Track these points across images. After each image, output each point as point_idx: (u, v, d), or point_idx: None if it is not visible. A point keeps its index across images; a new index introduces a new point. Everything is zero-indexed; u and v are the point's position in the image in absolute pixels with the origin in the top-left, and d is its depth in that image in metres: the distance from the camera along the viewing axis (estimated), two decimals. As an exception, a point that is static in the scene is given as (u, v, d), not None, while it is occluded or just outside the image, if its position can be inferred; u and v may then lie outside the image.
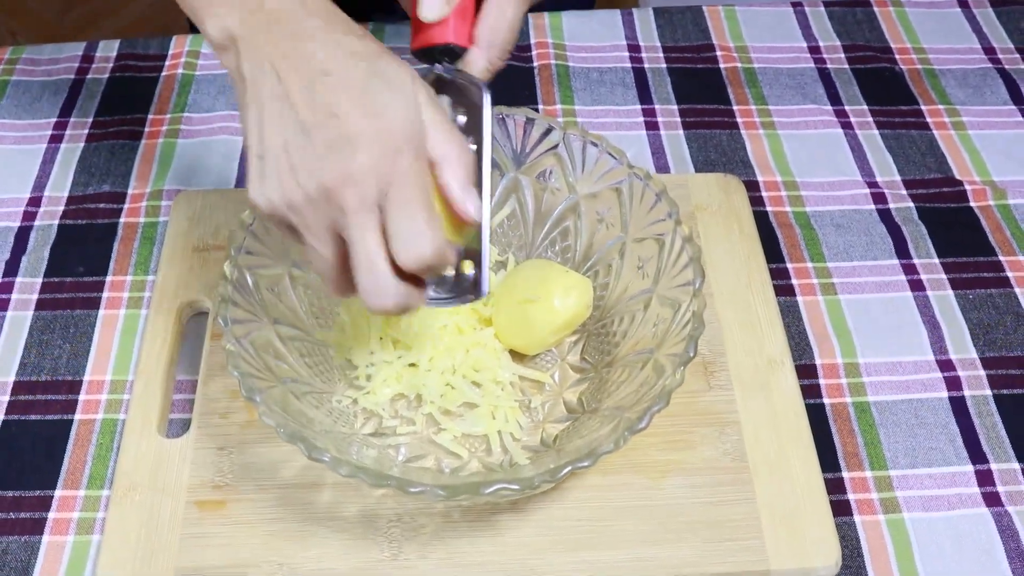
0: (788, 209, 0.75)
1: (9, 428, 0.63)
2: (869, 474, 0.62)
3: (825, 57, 0.86)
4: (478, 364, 0.62)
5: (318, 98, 0.46)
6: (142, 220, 0.74)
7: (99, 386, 0.65)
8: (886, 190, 0.76)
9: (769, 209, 0.75)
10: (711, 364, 0.64)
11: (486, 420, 0.60)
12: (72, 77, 0.84)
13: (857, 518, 0.60)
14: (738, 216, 0.71)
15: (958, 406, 0.65)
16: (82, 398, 0.64)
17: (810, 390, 0.65)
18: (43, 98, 0.82)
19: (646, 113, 0.81)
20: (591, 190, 0.64)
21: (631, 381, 0.58)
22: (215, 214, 0.71)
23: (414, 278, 0.49)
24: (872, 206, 0.75)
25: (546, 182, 0.65)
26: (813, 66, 0.85)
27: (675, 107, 0.82)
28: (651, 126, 0.80)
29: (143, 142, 0.79)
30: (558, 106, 0.81)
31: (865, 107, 0.82)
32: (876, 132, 0.81)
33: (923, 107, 0.83)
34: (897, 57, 0.86)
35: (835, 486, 0.61)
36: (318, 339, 0.62)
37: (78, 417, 0.63)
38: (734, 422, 0.61)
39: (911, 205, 0.75)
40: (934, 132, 0.81)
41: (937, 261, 0.72)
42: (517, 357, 0.64)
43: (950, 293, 0.70)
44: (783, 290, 0.70)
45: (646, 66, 0.85)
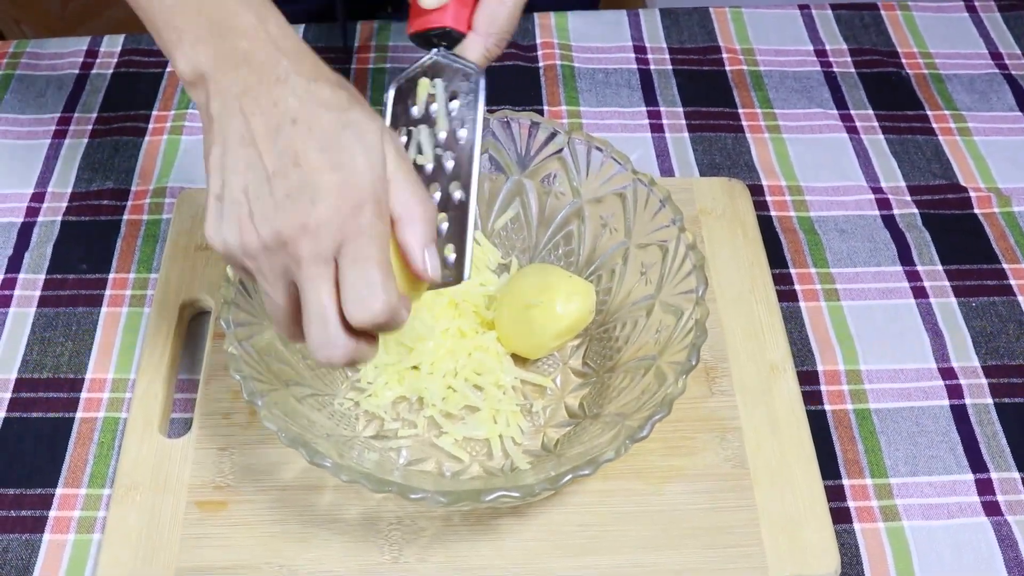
0: (792, 214, 0.75)
1: (11, 426, 0.63)
2: (869, 482, 0.62)
3: (831, 60, 0.86)
4: (480, 368, 0.62)
5: (283, 145, 0.45)
6: (145, 217, 0.73)
7: (101, 384, 0.65)
8: (891, 196, 0.76)
9: (773, 214, 0.75)
10: (713, 369, 0.64)
11: (487, 424, 0.60)
12: (76, 72, 0.84)
13: (857, 526, 0.60)
14: (742, 221, 0.71)
15: (959, 414, 0.65)
16: (84, 396, 0.64)
17: (812, 396, 0.65)
18: (47, 93, 0.82)
19: (651, 115, 0.81)
20: (595, 195, 0.64)
21: (633, 387, 0.58)
22: (218, 213, 0.70)
23: (366, 331, 0.48)
24: (876, 212, 0.75)
25: (550, 186, 0.65)
26: (819, 69, 0.85)
27: (680, 109, 0.82)
28: (656, 128, 0.80)
29: (147, 139, 0.79)
30: (563, 107, 0.81)
31: (871, 112, 0.82)
32: (881, 137, 0.80)
33: (929, 112, 0.82)
34: (904, 62, 0.86)
35: (835, 493, 0.61)
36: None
37: (80, 415, 0.63)
38: (735, 428, 0.61)
39: (915, 211, 0.75)
40: (940, 138, 0.80)
41: (940, 268, 0.72)
42: (519, 361, 0.64)
43: (953, 300, 0.70)
44: (786, 295, 0.70)
45: (652, 67, 0.85)
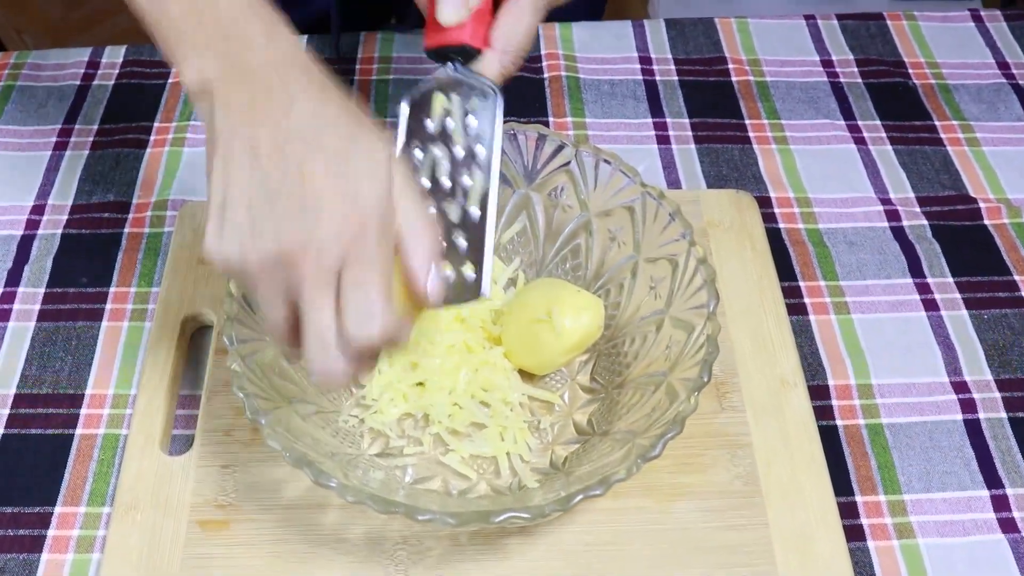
0: (801, 226, 0.74)
1: (9, 442, 0.62)
2: (883, 498, 0.61)
3: (838, 71, 0.85)
4: (487, 384, 0.61)
5: (289, 160, 0.44)
6: (147, 231, 0.72)
7: (101, 400, 0.64)
8: (900, 207, 0.75)
9: (782, 226, 0.74)
10: (723, 385, 0.63)
11: (495, 441, 0.59)
12: (78, 83, 0.83)
13: (871, 543, 0.59)
14: (750, 233, 0.70)
15: (973, 429, 0.64)
16: (84, 412, 0.63)
17: (823, 412, 0.64)
18: (48, 104, 0.81)
19: (657, 127, 0.80)
20: (603, 208, 0.63)
21: (643, 404, 0.57)
22: (221, 226, 0.69)
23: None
24: (885, 223, 0.74)
25: (558, 199, 0.64)
26: (826, 80, 0.84)
27: (687, 121, 0.81)
28: (662, 140, 0.79)
29: (149, 150, 0.78)
30: (568, 118, 0.80)
31: (879, 122, 0.81)
32: (890, 148, 0.79)
33: (937, 123, 0.81)
34: (911, 72, 0.85)
35: (848, 510, 0.60)
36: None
37: (79, 432, 0.62)
38: (746, 444, 0.60)
39: (925, 223, 0.74)
40: (948, 148, 0.80)
41: (951, 280, 0.71)
42: (526, 377, 0.63)
43: (964, 313, 0.69)
44: (795, 309, 0.69)
45: (657, 78, 0.84)
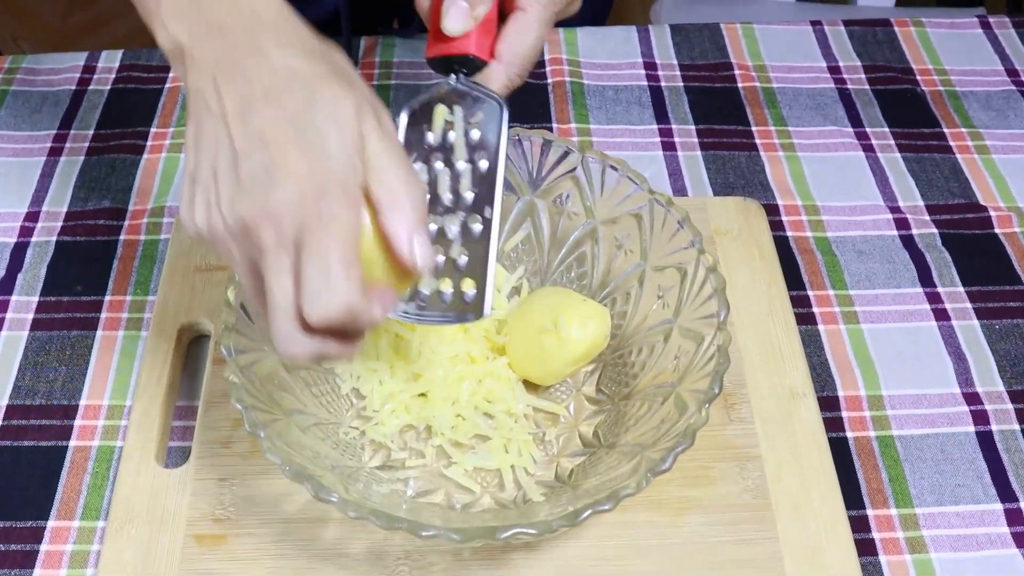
0: (809, 234, 0.73)
1: (1, 455, 0.61)
2: (894, 512, 0.60)
3: (845, 77, 0.84)
4: (491, 395, 0.60)
5: (252, 123, 0.43)
6: (142, 238, 0.71)
7: (96, 411, 0.63)
8: (909, 215, 0.74)
9: (789, 234, 0.73)
10: (731, 396, 0.62)
11: (499, 453, 0.58)
12: (73, 88, 0.82)
13: (883, 558, 0.58)
14: (758, 241, 0.69)
15: (985, 441, 0.63)
16: (78, 424, 0.62)
17: (832, 423, 0.63)
18: (43, 109, 0.80)
19: (663, 133, 0.79)
20: (610, 215, 0.62)
21: (651, 416, 0.56)
22: (218, 233, 0.68)
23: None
24: (895, 232, 0.73)
25: (563, 206, 0.63)
26: (833, 86, 0.84)
27: (692, 127, 0.80)
28: (668, 147, 0.78)
29: (145, 156, 0.77)
30: (572, 124, 0.79)
31: (887, 129, 0.80)
32: (898, 155, 0.79)
33: (946, 130, 0.81)
34: (919, 78, 0.85)
35: (859, 524, 0.59)
36: (325, 368, 0.60)
37: (73, 444, 0.61)
38: (755, 457, 0.59)
39: (935, 231, 0.74)
40: (957, 156, 0.79)
41: (962, 290, 0.70)
42: (531, 387, 0.62)
43: (975, 323, 0.68)
44: (804, 318, 0.68)
45: (663, 84, 0.83)
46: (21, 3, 2.00)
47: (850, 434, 0.63)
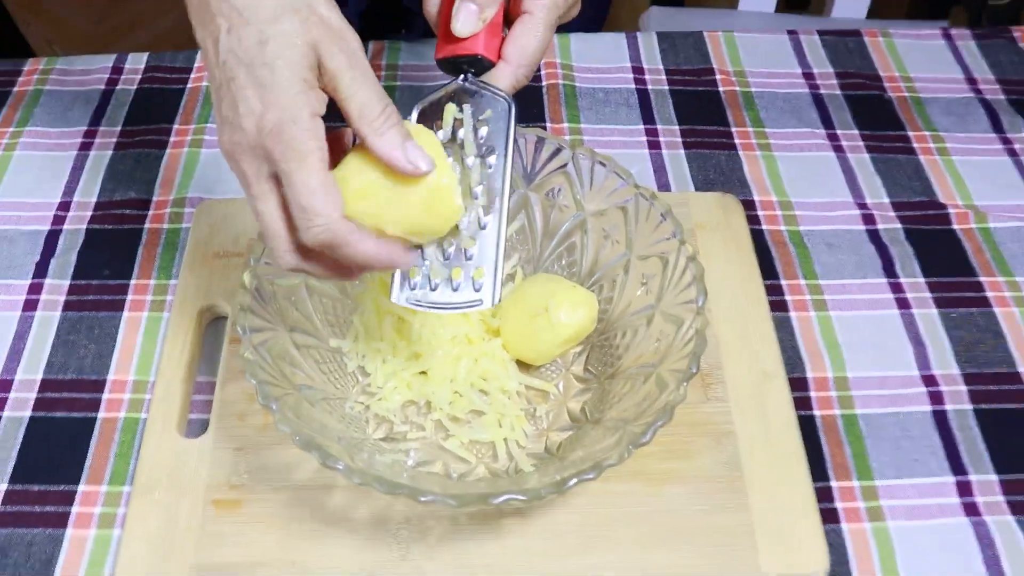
0: (783, 228, 0.73)
1: (36, 425, 0.61)
2: (856, 484, 0.60)
3: (819, 83, 0.84)
4: (486, 373, 0.60)
5: (222, 60, 0.44)
6: (165, 226, 0.72)
7: (122, 386, 0.63)
8: (875, 212, 0.75)
9: (765, 227, 0.73)
10: (708, 376, 0.62)
11: (493, 427, 0.58)
12: (102, 88, 0.82)
13: (844, 526, 0.58)
14: (735, 234, 0.69)
15: (941, 420, 0.63)
16: (105, 397, 0.62)
17: (802, 402, 0.63)
18: (74, 107, 0.80)
19: (648, 133, 0.79)
20: (598, 208, 0.62)
21: (633, 393, 0.56)
22: (235, 222, 0.69)
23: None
24: (862, 227, 0.74)
25: (555, 199, 0.63)
26: (807, 91, 0.84)
27: (676, 127, 0.80)
28: (653, 145, 0.78)
29: (168, 151, 0.77)
30: (565, 124, 0.79)
31: (856, 132, 0.80)
32: (866, 156, 0.79)
33: (910, 133, 0.81)
34: (886, 85, 0.85)
35: (824, 495, 0.59)
36: (332, 347, 0.60)
37: (101, 415, 0.61)
38: (730, 432, 0.60)
39: (899, 226, 0.74)
40: (920, 157, 0.79)
41: (923, 280, 0.70)
42: (523, 367, 0.62)
43: (934, 311, 0.69)
44: (777, 305, 0.68)
45: (649, 87, 0.83)
46: (55, 10, 2.00)
47: (817, 412, 0.63)
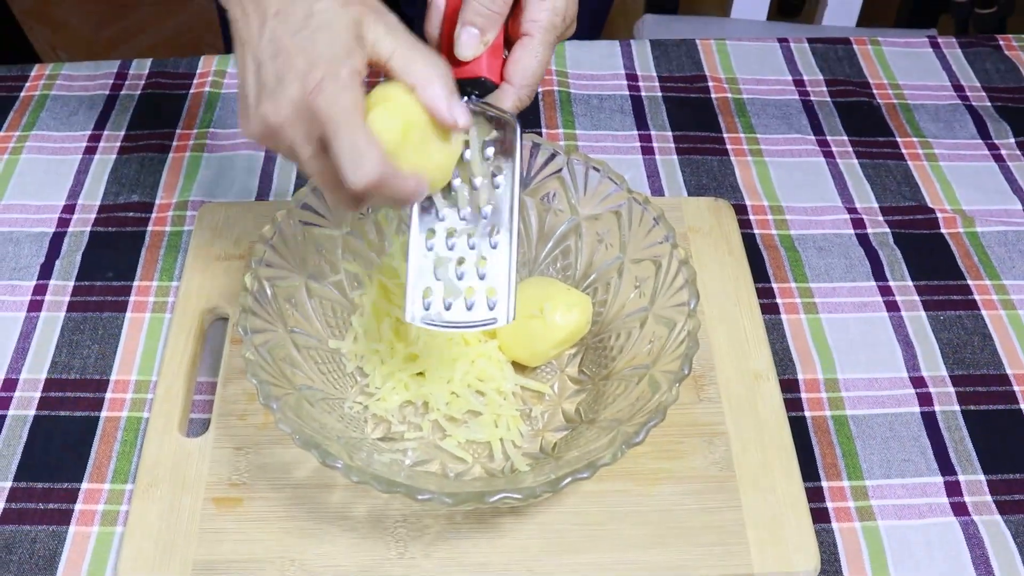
0: (774, 232, 0.73)
1: (40, 424, 0.61)
2: (846, 484, 0.60)
3: (809, 90, 0.84)
4: (482, 375, 0.60)
5: (266, 37, 0.46)
6: (168, 229, 0.71)
7: (124, 386, 0.63)
8: (864, 216, 0.75)
9: (756, 232, 0.73)
10: (701, 378, 0.62)
11: (489, 427, 0.58)
12: (107, 93, 0.82)
13: (835, 525, 0.58)
14: (727, 238, 0.69)
15: (929, 421, 0.63)
16: (108, 396, 0.62)
17: (793, 403, 0.63)
18: (79, 112, 0.80)
19: (642, 139, 0.79)
20: (592, 212, 0.62)
21: (627, 394, 0.56)
22: (237, 225, 0.69)
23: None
24: (851, 231, 0.74)
25: (549, 204, 0.63)
26: (798, 98, 0.84)
27: (670, 134, 0.80)
28: (647, 151, 0.78)
29: (171, 155, 0.77)
30: (560, 130, 0.79)
31: (846, 138, 0.80)
32: (856, 162, 0.79)
33: (898, 139, 0.81)
34: (875, 92, 0.85)
35: (815, 495, 0.59)
36: (332, 348, 0.60)
37: (104, 415, 0.61)
38: (722, 433, 0.59)
39: (887, 231, 0.74)
40: (909, 163, 0.79)
41: (911, 283, 0.70)
42: (519, 368, 0.62)
43: (923, 314, 0.69)
44: (768, 308, 0.68)
45: (643, 94, 0.83)
46: (59, 17, 2.00)
47: (808, 413, 0.63)
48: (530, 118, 0.80)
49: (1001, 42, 0.90)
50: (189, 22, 1.99)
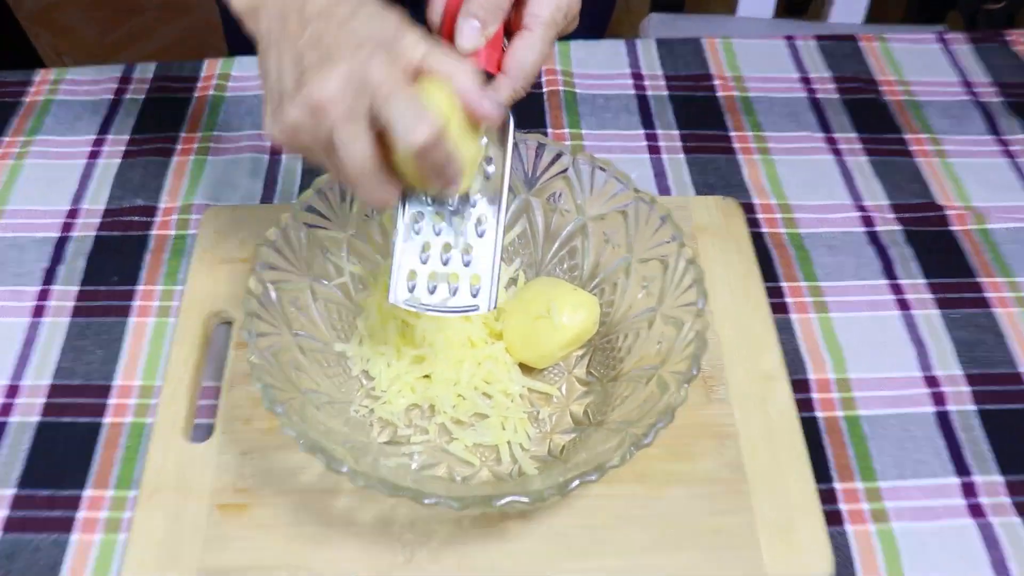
0: (783, 231, 0.72)
1: (44, 430, 0.60)
2: (860, 485, 0.59)
3: (816, 87, 0.83)
4: (489, 376, 0.59)
5: (310, 33, 0.46)
6: (172, 233, 0.71)
7: (128, 391, 0.62)
8: (874, 214, 0.74)
9: (765, 230, 0.72)
10: (710, 379, 0.61)
11: (496, 430, 0.57)
12: (111, 97, 0.81)
13: (848, 528, 0.57)
14: (736, 237, 0.68)
15: (943, 420, 0.62)
16: (112, 402, 0.61)
17: (804, 404, 0.62)
18: (83, 117, 0.80)
19: (648, 138, 0.78)
20: (598, 212, 0.61)
21: (635, 396, 0.55)
22: (241, 228, 0.68)
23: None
24: (861, 229, 0.73)
25: (556, 204, 0.63)
26: (805, 96, 0.83)
27: (676, 132, 0.79)
28: (654, 150, 0.78)
29: (175, 159, 0.76)
30: (566, 130, 0.79)
31: (854, 135, 0.79)
32: (864, 159, 0.78)
33: (907, 136, 0.80)
34: (883, 89, 0.84)
35: (827, 496, 0.58)
36: (337, 351, 0.59)
37: (108, 420, 0.61)
38: (732, 435, 0.58)
39: (898, 228, 0.73)
40: (918, 160, 0.78)
41: (922, 282, 0.69)
42: (526, 370, 0.61)
43: (935, 312, 0.67)
44: (778, 307, 0.67)
45: (649, 93, 0.82)
46: (64, 22, 2.00)
47: (820, 414, 0.62)
48: (535, 118, 0.79)
49: (1010, 37, 0.89)
50: (193, 26, 1.99)
